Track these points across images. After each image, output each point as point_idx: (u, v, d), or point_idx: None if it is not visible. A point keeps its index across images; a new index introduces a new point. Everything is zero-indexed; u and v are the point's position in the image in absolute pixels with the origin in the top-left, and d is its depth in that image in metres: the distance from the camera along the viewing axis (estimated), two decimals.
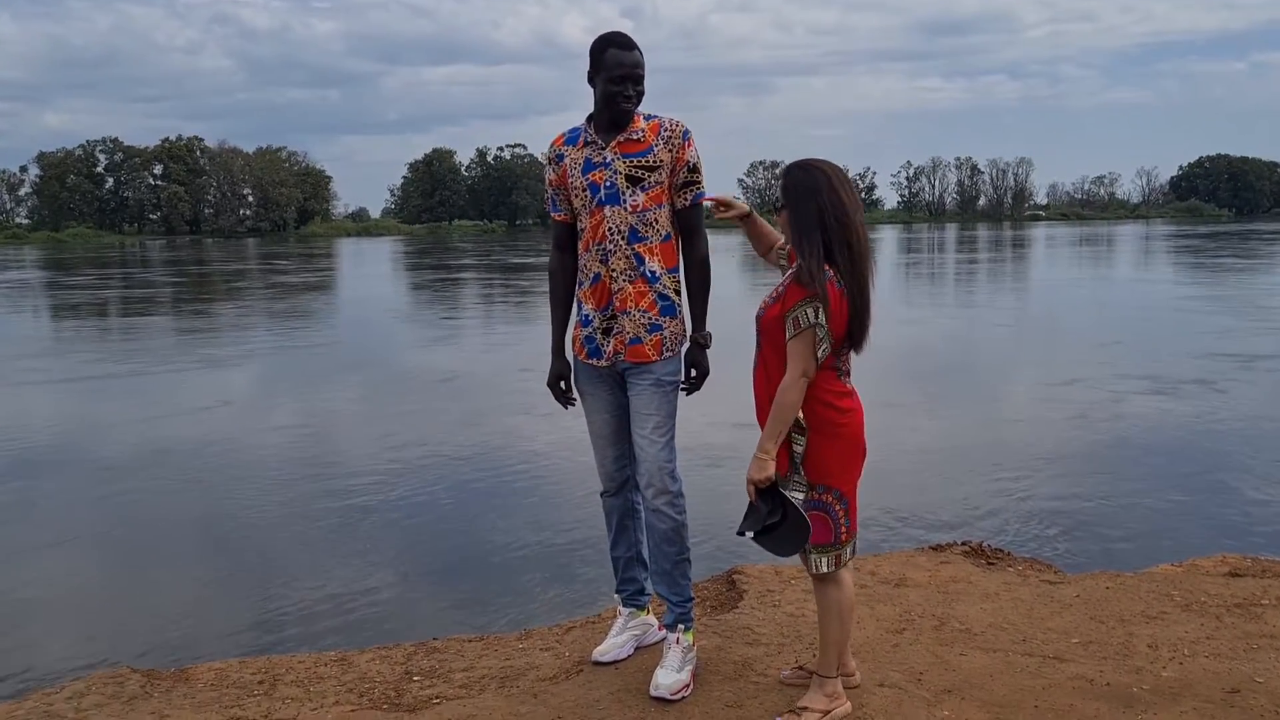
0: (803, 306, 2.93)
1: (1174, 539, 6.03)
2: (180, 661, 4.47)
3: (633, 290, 3.44)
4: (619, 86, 3.33)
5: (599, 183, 3.42)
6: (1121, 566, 5.50)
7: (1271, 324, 16.72)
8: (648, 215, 3.42)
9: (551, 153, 3.57)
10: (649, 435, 3.42)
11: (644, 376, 3.45)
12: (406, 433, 9.20)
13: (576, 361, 3.63)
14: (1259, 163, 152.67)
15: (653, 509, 3.47)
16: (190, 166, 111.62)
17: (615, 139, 3.41)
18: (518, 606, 5.27)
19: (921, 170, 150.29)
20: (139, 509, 7.11)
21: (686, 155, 3.43)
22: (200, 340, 17.43)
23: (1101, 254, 45.63)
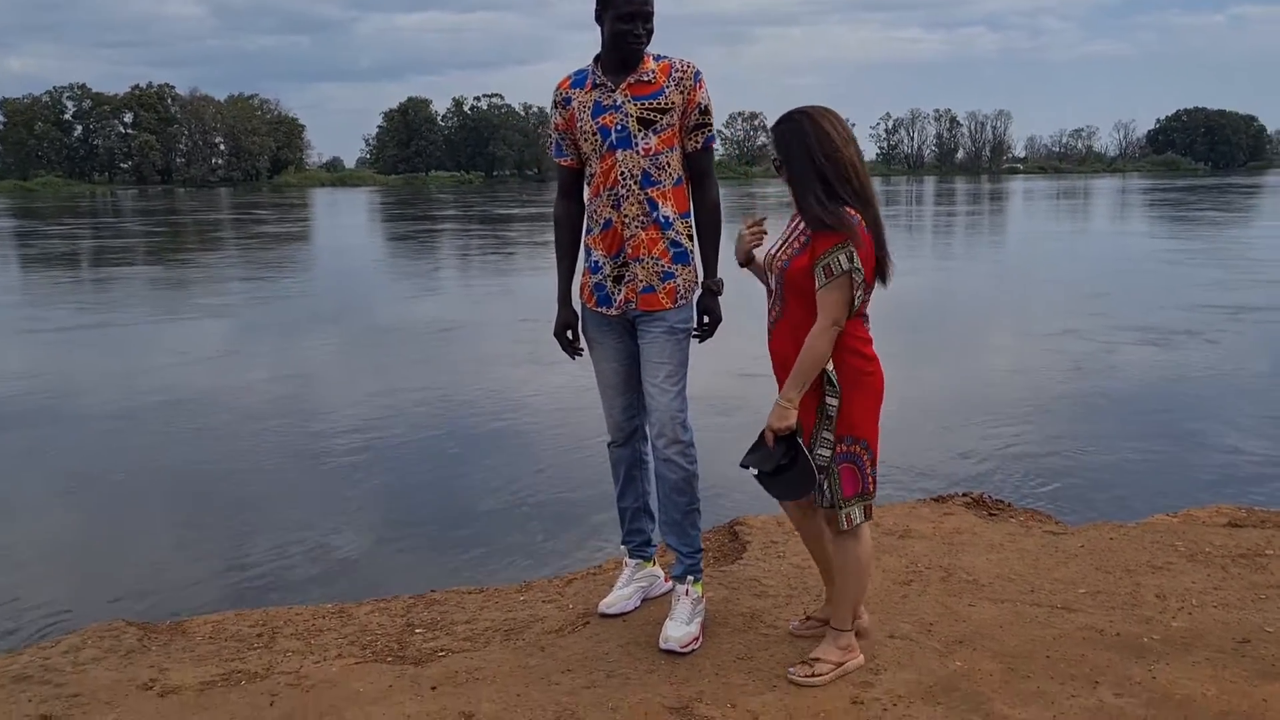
0: (835, 254, 2.87)
1: (1167, 489, 6.05)
2: (175, 614, 4.41)
3: (645, 237, 3.35)
4: (628, 25, 3.22)
5: (609, 126, 3.32)
6: (1117, 516, 5.52)
7: (1258, 276, 16.82)
8: (660, 159, 3.33)
9: (558, 96, 3.45)
10: (661, 384, 3.36)
11: (656, 324, 3.38)
12: (408, 382, 9.12)
13: (585, 309, 3.55)
14: (1235, 116, 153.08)
15: (664, 459, 3.41)
16: (161, 115, 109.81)
17: (625, 80, 3.31)
18: (515, 557, 5.23)
19: (900, 122, 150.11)
20: (134, 458, 7.01)
21: (698, 97, 3.34)
22: (195, 290, 17.25)
23: (1085, 208, 45.76)
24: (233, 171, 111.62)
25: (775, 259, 3.06)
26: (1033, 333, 11.62)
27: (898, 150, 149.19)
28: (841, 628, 3.18)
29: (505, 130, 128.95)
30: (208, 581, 5.00)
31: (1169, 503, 5.56)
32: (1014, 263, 21.47)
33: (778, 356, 3.08)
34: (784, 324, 3.04)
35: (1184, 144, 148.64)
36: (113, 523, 5.89)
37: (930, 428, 7.34)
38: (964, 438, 7.11)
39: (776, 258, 3.05)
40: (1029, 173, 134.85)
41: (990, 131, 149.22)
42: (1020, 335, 11.63)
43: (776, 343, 3.08)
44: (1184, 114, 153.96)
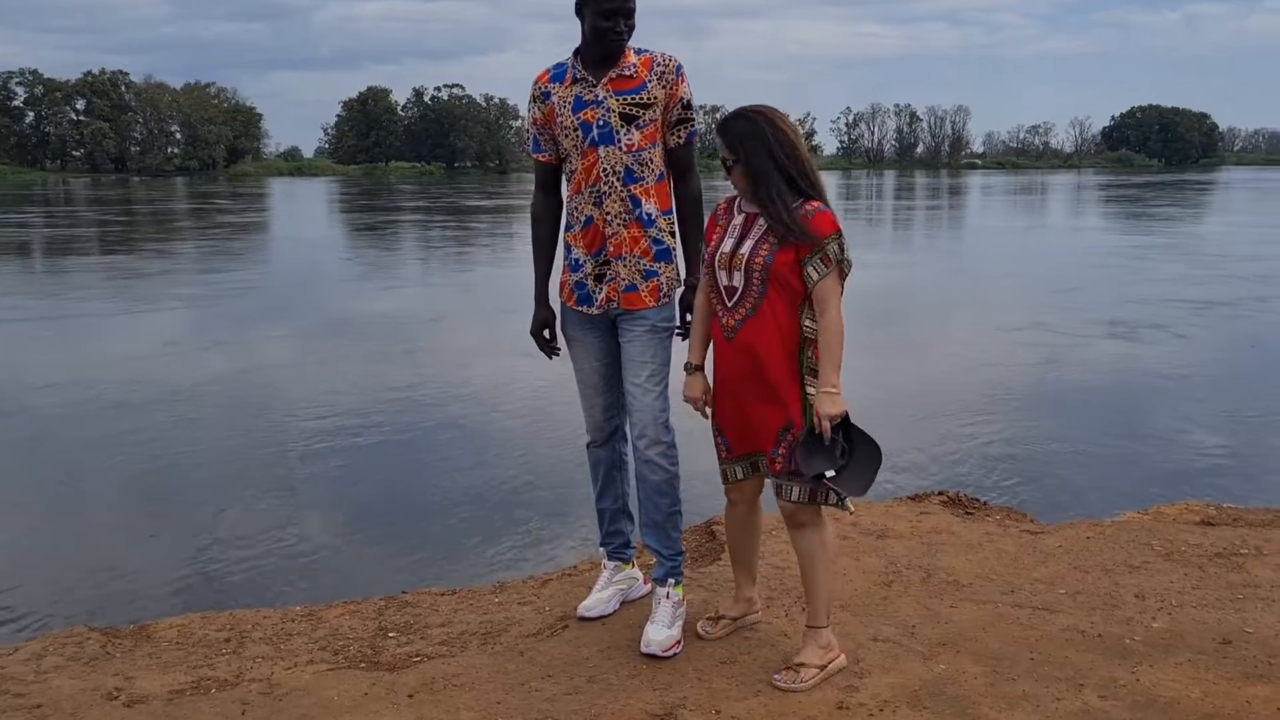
0: (830, 243, 2.93)
1: (1132, 484, 6.13)
2: (138, 618, 4.30)
3: (627, 235, 3.29)
4: (609, 21, 3.14)
5: (591, 122, 3.25)
6: (1086, 511, 5.56)
7: (1221, 271, 17.10)
8: (643, 155, 3.26)
9: (536, 90, 3.37)
10: (643, 384, 3.30)
11: (638, 323, 3.32)
12: (376, 375, 9.00)
13: (564, 308, 3.48)
14: (1189, 113, 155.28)
15: (645, 460, 3.36)
16: (115, 102, 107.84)
17: (607, 75, 3.24)
18: (487, 556, 5.17)
19: (861, 116, 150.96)
20: (88, 455, 6.86)
21: (680, 91, 3.29)
22: (167, 280, 16.95)
23: (1047, 203, 46.26)
24: (189, 160, 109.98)
25: (747, 256, 2.98)
26: (1002, 326, 11.72)
27: (858, 144, 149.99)
28: (820, 624, 3.15)
29: (466, 121, 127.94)
30: (171, 583, 4.90)
31: (1134, 492, 5.65)
32: (981, 257, 21.65)
33: (750, 350, 3.01)
34: (762, 318, 2.98)
35: (1138, 141, 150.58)
36: (69, 522, 5.76)
37: (900, 422, 7.35)
38: (932, 433, 7.13)
39: (749, 255, 2.98)
40: (987, 168, 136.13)
41: (949, 126, 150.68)
42: (989, 329, 11.71)
43: (750, 336, 3.00)
44: (1139, 111, 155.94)
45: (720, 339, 3.10)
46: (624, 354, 3.37)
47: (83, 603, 4.68)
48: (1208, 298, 13.86)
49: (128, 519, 5.83)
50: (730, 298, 3.04)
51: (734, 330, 3.04)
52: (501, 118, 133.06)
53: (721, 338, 3.09)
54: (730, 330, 3.05)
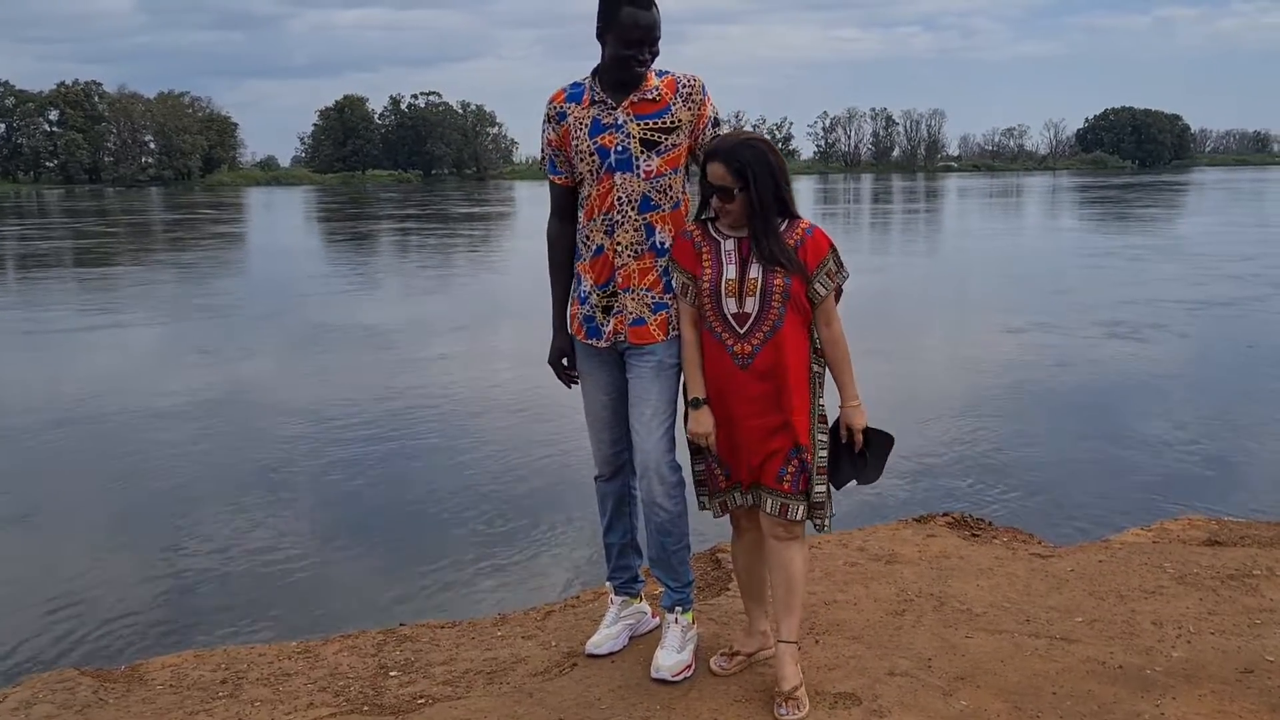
0: (828, 262, 2.98)
1: (1132, 493, 6.11)
2: (129, 658, 4.19)
3: (637, 267, 3.18)
4: (631, 50, 3.03)
5: (609, 146, 3.13)
6: (1089, 524, 5.55)
7: (1219, 272, 17.27)
8: (661, 181, 3.15)
9: (551, 110, 3.25)
10: (647, 422, 3.20)
11: (645, 359, 3.21)
12: (369, 392, 8.88)
13: (575, 340, 3.38)
14: (1161, 115, 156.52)
15: (650, 500, 3.26)
16: (88, 113, 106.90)
17: (627, 98, 3.13)
18: (487, 584, 5.08)
19: (838, 121, 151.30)
20: (69, 482, 6.71)
21: (708, 111, 3.19)
22: (174, 291, 16.71)
23: (1031, 205, 46.51)
24: (164, 170, 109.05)
25: (761, 280, 2.94)
26: (1001, 328, 11.75)
27: (835, 148, 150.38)
28: (796, 639, 3.14)
29: (443, 129, 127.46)
30: (160, 617, 4.78)
31: (1135, 501, 5.65)
32: (975, 261, 21.73)
33: (771, 374, 2.98)
34: (782, 340, 2.96)
35: (1112, 142, 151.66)
36: (51, 554, 5.61)
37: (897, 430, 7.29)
38: (931, 440, 7.08)
39: (764, 278, 2.94)
40: (963, 170, 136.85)
41: (925, 130, 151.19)
42: (987, 333, 11.72)
43: (770, 359, 2.97)
44: (1111, 113, 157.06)
45: (731, 368, 3.02)
46: (630, 390, 3.28)
47: (69, 636, 4.57)
48: (1207, 298, 14.10)
49: (113, 546, 5.70)
50: (743, 324, 2.98)
51: (750, 356, 2.98)
52: (479, 125, 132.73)
53: (733, 366, 3.01)
54: (746, 357, 2.99)
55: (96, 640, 4.55)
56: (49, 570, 5.38)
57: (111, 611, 4.83)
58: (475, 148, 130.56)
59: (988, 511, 5.62)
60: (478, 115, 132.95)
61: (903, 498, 6.05)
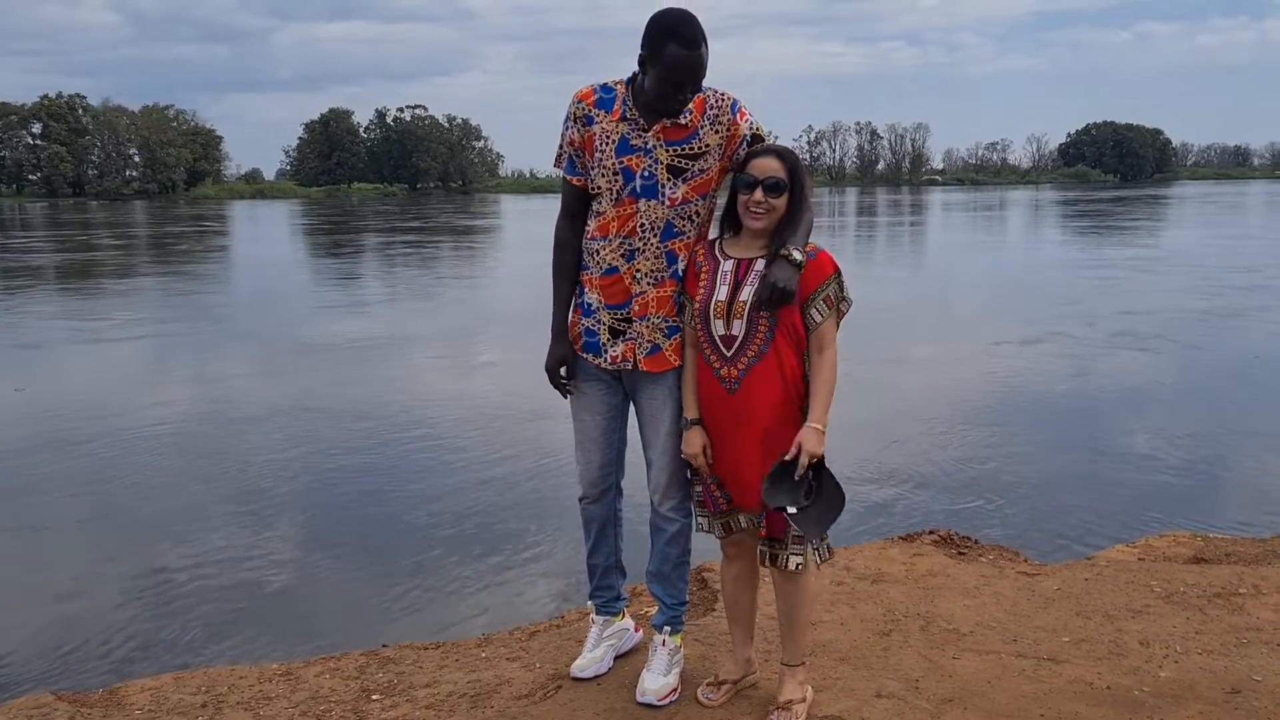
0: (829, 286, 2.91)
1: (1117, 513, 6.11)
2: (105, 679, 4.13)
3: (655, 295, 3.09)
4: (671, 89, 2.90)
5: (635, 170, 3.02)
6: (1076, 540, 5.55)
7: (1224, 283, 17.53)
8: (687, 208, 3.06)
9: (578, 109, 3.08)
10: (662, 440, 3.16)
11: (660, 383, 3.15)
12: (346, 404, 8.82)
13: (571, 352, 3.30)
14: (1142, 130, 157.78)
15: (663, 515, 3.24)
16: (72, 126, 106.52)
17: (660, 122, 2.99)
18: (469, 602, 5.03)
19: (823, 134, 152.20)
20: (39, 499, 6.63)
21: (741, 129, 3.03)
22: (173, 305, 16.60)
23: (1025, 218, 46.82)
24: (148, 184, 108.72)
25: (750, 303, 2.88)
26: (999, 339, 11.74)
27: (820, 161, 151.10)
28: (800, 661, 3.14)
29: (429, 142, 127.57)
30: (140, 639, 4.70)
31: (1124, 523, 5.65)
32: (987, 272, 21.86)
33: (755, 400, 2.91)
34: (768, 365, 2.90)
35: (1094, 156, 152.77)
36: (26, 574, 5.52)
37: (882, 442, 7.29)
38: (916, 457, 7.07)
39: (752, 300, 2.88)
40: (947, 184, 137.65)
41: (910, 144, 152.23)
42: (986, 345, 11.70)
43: (755, 385, 2.90)
44: (1094, 128, 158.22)
45: (719, 392, 2.97)
46: (642, 411, 3.22)
47: (45, 659, 4.49)
48: (1217, 308, 14.46)
49: (91, 565, 5.61)
50: (729, 347, 2.93)
51: (737, 381, 2.93)
52: (465, 138, 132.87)
53: (720, 390, 2.96)
54: (733, 381, 2.93)
55: (73, 663, 4.48)
56: (24, 591, 5.30)
57: (89, 633, 4.75)
58: (461, 161, 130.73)
59: (975, 525, 5.61)
60: (463, 129, 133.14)
61: (891, 513, 6.03)
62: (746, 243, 2.98)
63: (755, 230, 2.92)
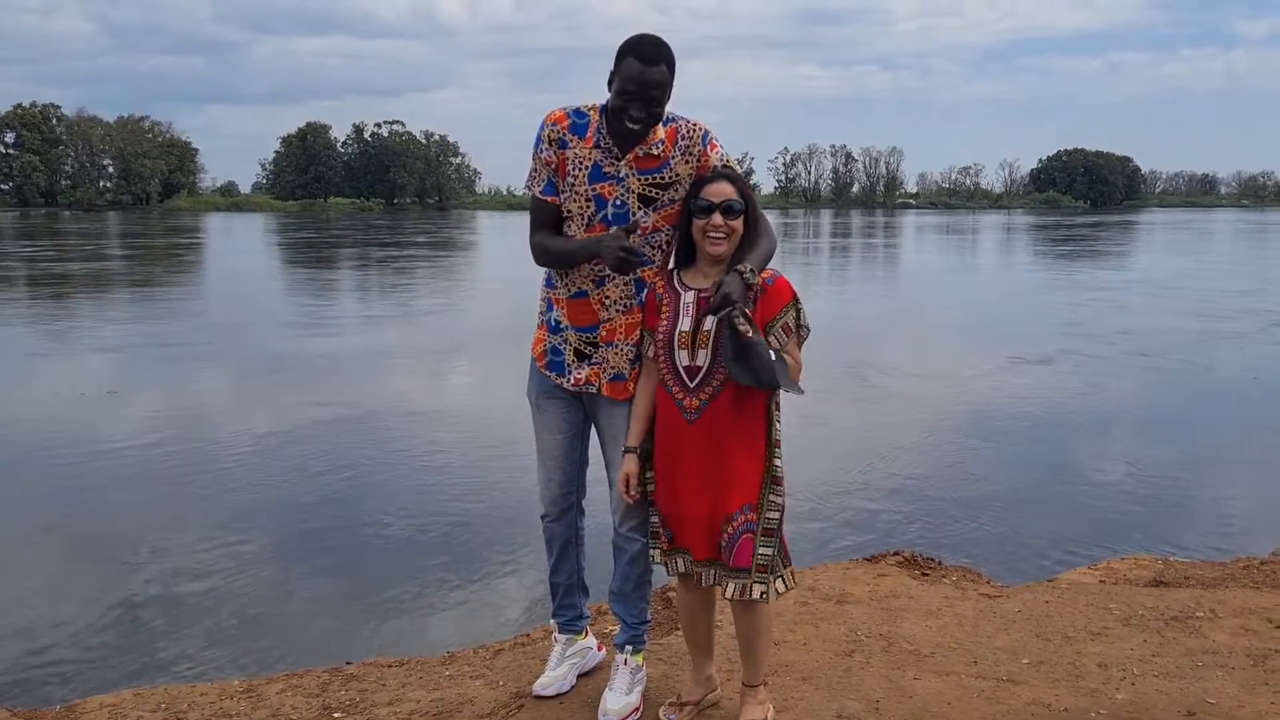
0: (787, 313, 2.93)
1: (1080, 536, 6.17)
2: (62, 695, 4.09)
3: (624, 321, 3.12)
4: (625, 102, 2.90)
5: (607, 198, 3.05)
6: (1040, 561, 5.61)
7: (1226, 306, 18.11)
8: (656, 237, 3.09)
9: (552, 132, 3.08)
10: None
11: (622, 406, 3.17)
12: (314, 416, 8.77)
13: (533, 367, 3.31)
14: (1112, 157, 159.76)
15: (623, 535, 3.25)
16: (46, 135, 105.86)
17: (633, 151, 3.01)
18: (435, 617, 5.03)
19: (798, 156, 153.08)
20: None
21: (711, 160, 3.04)
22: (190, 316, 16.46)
23: (1010, 242, 47.35)
24: (122, 195, 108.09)
25: (713, 333, 2.86)
26: (1022, 356, 11.82)
27: (795, 183, 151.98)
28: (759, 682, 3.15)
29: (406, 158, 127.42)
30: (98, 654, 4.65)
31: (1086, 545, 5.69)
32: (987, 293, 22.12)
33: (716, 431, 2.90)
34: (731, 394, 2.88)
35: (1065, 182, 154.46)
36: None
37: (858, 466, 7.33)
38: (884, 475, 7.12)
39: (717, 332, 2.85)
40: (921, 207, 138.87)
41: (884, 167, 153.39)
42: (965, 367, 11.78)
43: (717, 415, 2.89)
44: (1065, 154, 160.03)
45: (679, 422, 2.96)
46: (603, 432, 3.24)
47: (1, 674, 4.44)
48: (1229, 331, 14.77)
49: (49, 579, 5.56)
50: (693, 377, 2.93)
51: (698, 411, 2.92)
52: (442, 154, 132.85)
53: (681, 420, 2.95)
54: (694, 411, 2.93)
55: (29, 679, 4.43)
56: None
57: (46, 648, 4.70)
58: (438, 177, 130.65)
59: (941, 543, 5.66)
60: (441, 145, 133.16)
61: (857, 532, 6.07)
62: (705, 271, 2.98)
63: (715, 255, 2.92)
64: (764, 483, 2.95)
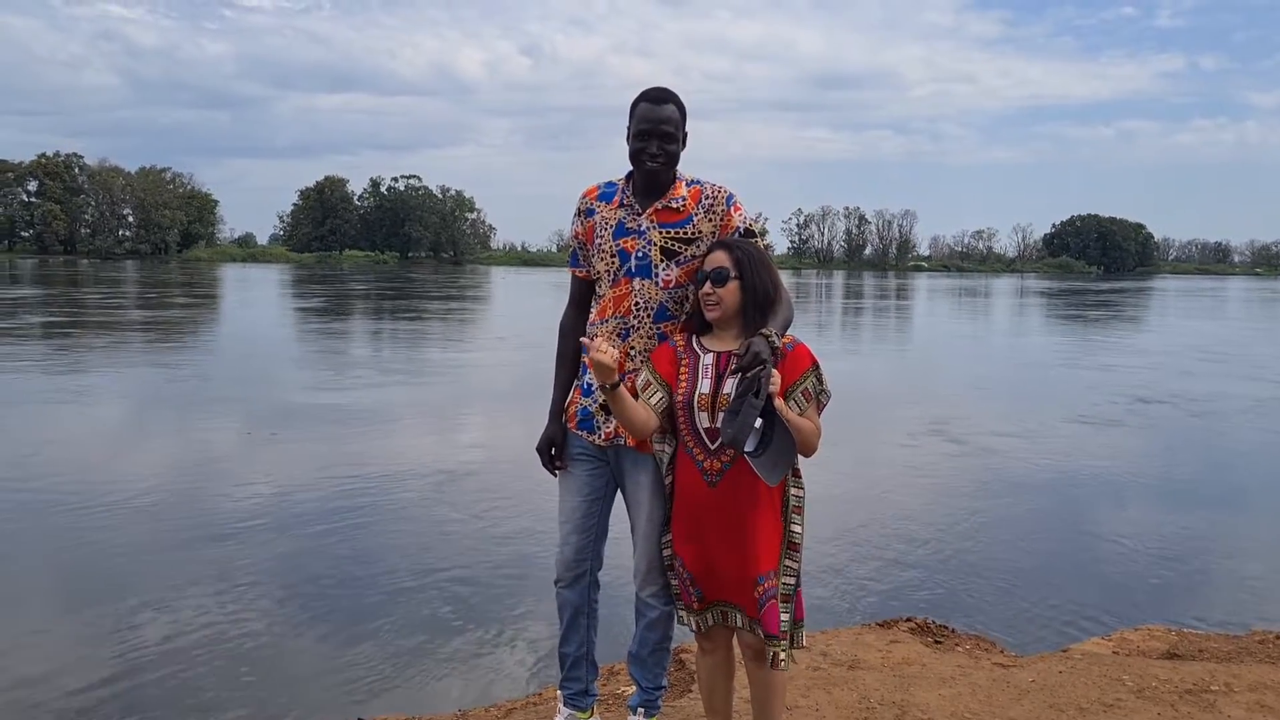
0: (808, 379, 2.97)
1: (1099, 604, 6.12)
2: None
3: None
4: (643, 142, 3.08)
5: (630, 251, 3.17)
6: (1053, 631, 5.57)
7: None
8: (679, 292, 3.18)
9: (582, 205, 3.30)
10: (644, 527, 3.21)
11: (644, 465, 3.20)
12: (330, 469, 8.80)
13: (566, 431, 3.36)
14: (1125, 223, 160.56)
15: (644, 600, 3.28)
16: (67, 184, 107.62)
17: (653, 205, 3.17)
18: (448, 672, 5.00)
19: (811, 218, 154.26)
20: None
21: (734, 222, 3.17)
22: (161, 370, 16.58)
23: (1034, 308, 47.33)
24: (141, 244, 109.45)
25: (733, 394, 2.88)
26: (1074, 416, 11.80)
27: (808, 245, 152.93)
28: None
29: (422, 212, 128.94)
30: (103, 710, 4.58)
31: (1100, 614, 5.66)
32: (1037, 356, 22.19)
33: (735, 494, 2.93)
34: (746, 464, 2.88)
35: (1078, 248, 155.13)
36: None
37: (871, 528, 7.31)
38: (898, 538, 7.10)
39: (738, 377, 2.88)
40: (933, 270, 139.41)
41: (897, 229, 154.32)
42: (1059, 419, 11.78)
43: (737, 475, 2.91)
44: (1078, 220, 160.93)
45: (699, 484, 2.99)
46: (627, 495, 3.28)
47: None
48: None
49: (54, 631, 5.48)
50: (714, 440, 2.96)
51: (719, 474, 2.95)
52: (458, 209, 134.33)
53: (702, 483, 2.99)
54: (715, 474, 2.96)
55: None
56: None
57: (50, 703, 4.64)
58: (453, 232, 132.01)
59: (953, 610, 5.63)
60: (456, 200, 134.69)
61: (862, 599, 6.04)
62: (721, 336, 3.05)
63: (712, 320, 3.02)
64: (782, 549, 2.98)
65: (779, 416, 2.82)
